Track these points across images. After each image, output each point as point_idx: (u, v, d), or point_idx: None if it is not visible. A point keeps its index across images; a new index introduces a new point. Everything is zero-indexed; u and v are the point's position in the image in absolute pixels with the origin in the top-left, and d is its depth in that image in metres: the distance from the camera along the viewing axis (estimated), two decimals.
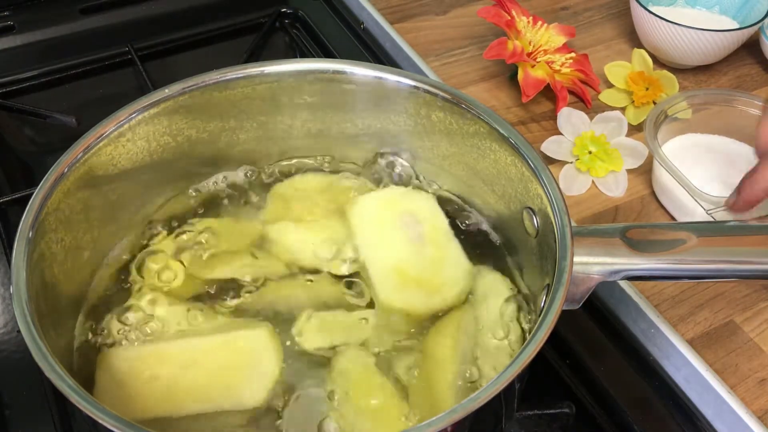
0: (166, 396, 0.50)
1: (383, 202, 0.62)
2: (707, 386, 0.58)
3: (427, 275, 0.58)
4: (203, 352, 0.53)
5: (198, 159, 0.62)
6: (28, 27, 0.91)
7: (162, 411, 0.50)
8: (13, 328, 0.62)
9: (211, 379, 0.51)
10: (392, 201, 0.62)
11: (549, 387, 0.60)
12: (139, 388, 0.51)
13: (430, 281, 0.57)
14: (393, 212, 0.61)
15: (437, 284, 0.57)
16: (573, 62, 0.82)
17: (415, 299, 0.56)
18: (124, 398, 0.50)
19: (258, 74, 0.60)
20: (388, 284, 0.57)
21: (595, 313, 0.64)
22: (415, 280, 0.57)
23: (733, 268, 0.51)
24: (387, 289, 0.57)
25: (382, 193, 0.63)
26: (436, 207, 0.62)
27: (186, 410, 0.50)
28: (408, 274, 0.58)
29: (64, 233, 0.52)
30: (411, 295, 0.56)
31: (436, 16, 0.94)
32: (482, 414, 0.41)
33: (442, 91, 0.59)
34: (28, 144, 0.83)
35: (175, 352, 0.53)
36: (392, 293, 0.56)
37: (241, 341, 0.53)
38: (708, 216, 0.66)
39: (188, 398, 0.51)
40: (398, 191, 0.64)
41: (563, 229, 0.49)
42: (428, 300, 0.56)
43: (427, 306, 0.56)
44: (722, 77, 0.86)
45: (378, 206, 0.62)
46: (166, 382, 0.51)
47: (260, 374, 0.52)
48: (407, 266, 0.58)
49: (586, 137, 0.75)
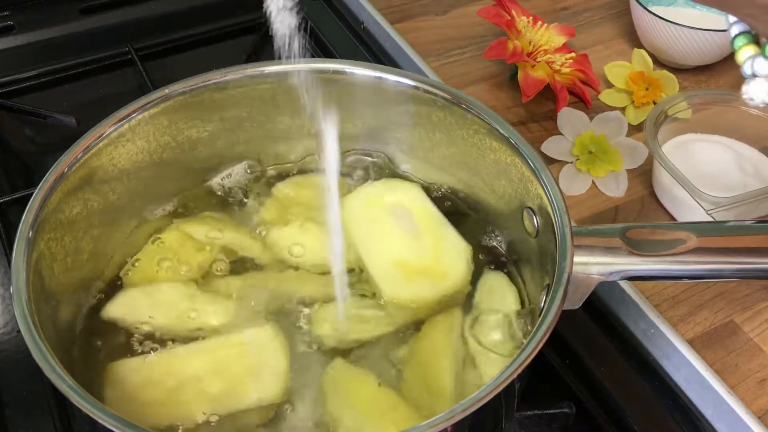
0: (177, 403, 0.50)
1: (370, 198, 0.62)
2: (707, 386, 0.58)
3: (429, 263, 0.58)
4: (210, 355, 0.53)
5: (198, 159, 0.62)
6: (28, 27, 0.91)
7: (175, 418, 0.50)
8: (13, 328, 0.62)
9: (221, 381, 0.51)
10: (378, 195, 0.62)
11: (549, 387, 0.60)
12: (150, 398, 0.50)
13: (433, 269, 0.57)
14: (381, 207, 0.61)
15: (441, 271, 0.57)
16: (573, 62, 0.82)
17: (422, 290, 0.56)
18: (136, 410, 0.50)
19: (258, 74, 0.60)
20: (392, 280, 0.57)
21: (595, 313, 0.64)
22: (418, 270, 0.57)
23: (733, 268, 0.51)
24: (392, 284, 0.57)
25: (366, 190, 0.63)
26: (422, 194, 0.62)
27: (199, 415, 0.50)
28: (410, 266, 0.58)
29: (64, 233, 0.52)
30: (417, 286, 0.57)
31: (436, 16, 0.94)
32: (482, 414, 0.41)
33: (442, 91, 0.59)
34: (28, 144, 0.83)
35: (182, 359, 0.52)
36: (398, 288, 0.56)
37: (247, 340, 0.53)
38: (708, 216, 0.66)
39: (200, 403, 0.50)
40: (381, 185, 0.63)
41: (563, 229, 0.49)
42: (435, 287, 0.56)
43: (435, 293, 0.56)
44: (722, 77, 0.86)
45: (365, 203, 0.62)
46: (176, 389, 0.51)
47: (269, 371, 0.52)
48: (408, 258, 0.58)
49: (586, 137, 0.75)
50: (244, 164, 0.65)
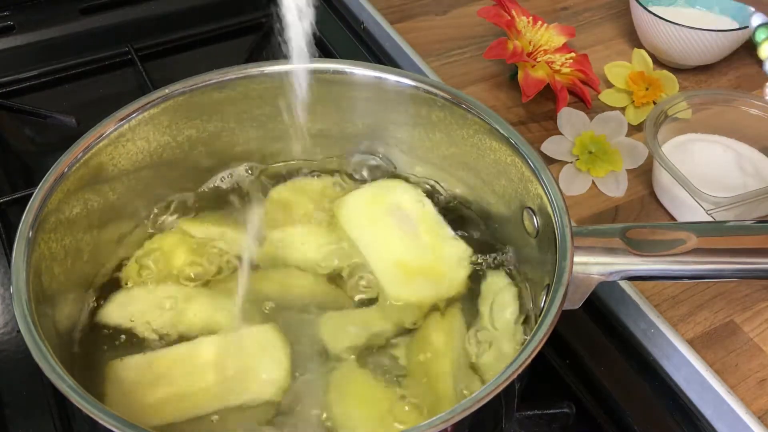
0: (178, 399, 0.50)
1: (368, 199, 0.62)
2: (707, 386, 0.58)
3: (429, 264, 0.58)
4: (210, 352, 0.53)
5: (198, 159, 0.62)
6: (28, 27, 0.91)
7: (177, 415, 0.50)
8: (13, 328, 0.62)
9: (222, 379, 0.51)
10: (376, 196, 0.62)
11: (549, 387, 0.60)
12: (151, 395, 0.50)
13: (433, 269, 0.58)
14: (380, 207, 0.61)
15: (441, 271, 0.58)
16: (573, 62, 0.82)
17: (422, 290, 0.57)
18: (137, 407, 0.50)
19: (258, 74, 0.60)
20: (393, 280, 0.57)
21: (595, 313, 0.64)
22: (419, 271, 0.58)
23: (733, 268, 0.51)
24: (394, 285, 0.57)
25: (364, 191, 0.63)
26: (421, 194, 0.63)
27: (200, 411, 0.50)
28: (410, 266, 0.58)
29: (64, 233, 0.52)
30: (418, 286, 0.57)
31: (436, 16, 0.94)
32: (482, 414, 0.41)
33: (442, 91, 0.59)
34: (28, 144, 0.83)
35: (183, 356, 0.53)
36: (400, 288, 0.57)
37: (247, 338, 0.54)
38: (708, 216, 0.66)
39: (201, 399, 0.50)
40: (379, 186, 0.63)
41: (563, 229, 0.49)
42: (436, 288, 0.57)
43: (436, 294, 0.56)
44: (722, 77, 0.86)
45: (364, 204, 0.62)
46: (176, 385, 0.51)
47: (270, 369, 0.52)
48: (408, 259, 0.58)
49: (586, 137, 0.75)
50: (243, 164, 0.65)
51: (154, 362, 0.52)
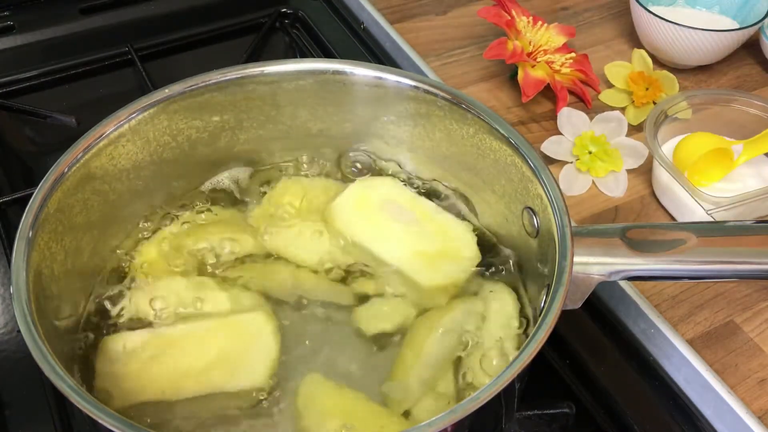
0: (166, 378, 0.51)
1: (356, 199, 0.62)
2: (707, 386, 0.58)
3: (443, 246, 0.59)
4: (202, 335, 0.53)
5: (198, 159, 0.62)
6: (28, 27, 0.91)
7: (162, 394, 0.50)
8: (13, 328, 0.62)
9: (210, 362, 0.52)
10: (362, 195, 0.62)
11: (549, 387, 0.60)
12: (139, 372, 0.51)
13: (448, 250, 0.59)
14: (371, 205, 0.61)
15: (456, 249, 0.59)
16: (573, 62, 0.82)
17: (450, 271, 0.58)
18: (124, 381, 0.51)
19: (258, 74, 0.60)
20: (419, 269, 0.57)
21: (595, 313, 0.64)
22: (437, 255, 0.58)
23: (733, 268, 0.51)
24: (422, 273, 0.57)
25: (349, 192, 0.62)
26: (401, 185, 0.63)
27: (186, 393, 0.51)
28: (428, 253, 0.58)
29: (64, 233, 0.52)
30: (445, 268, 0.58)
31: (436, 16, 0.94)
32: (482, 414, 0.41)
33: (442, 91, 0.59)
34: (28, 144, 0.83)
35: (175, 336, 0.53)
36: (429, 274, 0.57)
37: (240, 324, 0.54)
38: (708, 216, 0.66)
39: (188, 381, 0.51)
40: (360, 185, 0.63)
41: (563, 229, 0.49)
42: (460, 266, 0.58)
43: (464, 270, 0.58)
44: (722, 77, 0.86)
45: (354, 204, 0.62)
46: (165, 364, 0.52)
47: (259, 356, 0.52)
48: (423, 247, 0.59)
49: (586, 137, 0.75)
50: (243, 164, 0.65)
51: (145, 341, 0.53)
